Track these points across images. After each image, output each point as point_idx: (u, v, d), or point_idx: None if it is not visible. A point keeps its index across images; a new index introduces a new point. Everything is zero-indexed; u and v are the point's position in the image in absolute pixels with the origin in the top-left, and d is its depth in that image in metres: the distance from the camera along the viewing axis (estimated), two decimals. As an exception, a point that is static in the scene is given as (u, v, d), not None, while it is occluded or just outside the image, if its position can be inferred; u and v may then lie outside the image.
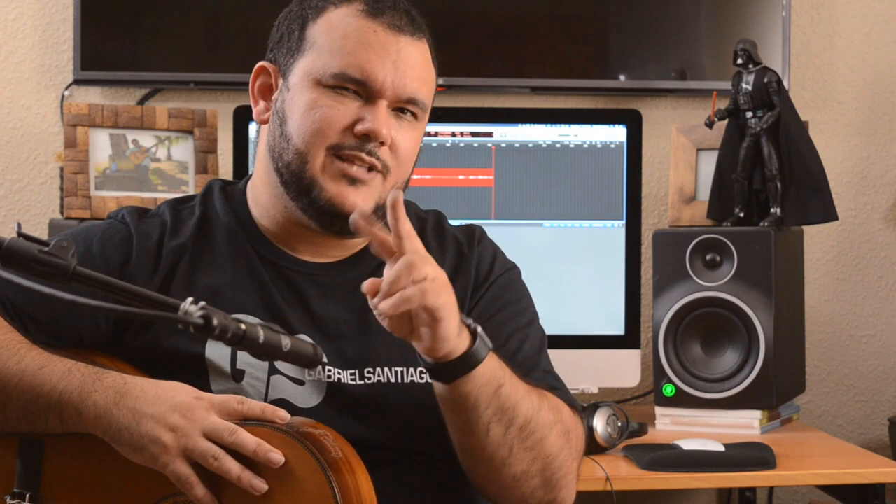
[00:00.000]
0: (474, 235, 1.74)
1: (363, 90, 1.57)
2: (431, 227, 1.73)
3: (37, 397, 1.47)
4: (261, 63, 1.66)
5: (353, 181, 1.57)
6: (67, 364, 1.49)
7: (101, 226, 1.69)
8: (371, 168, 1.58)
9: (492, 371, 1.48)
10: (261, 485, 1.41)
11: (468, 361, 1.46)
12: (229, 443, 1.42)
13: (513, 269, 1.75)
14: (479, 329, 1.47)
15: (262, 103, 1.66)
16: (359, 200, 1.57)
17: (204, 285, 1.59)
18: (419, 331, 1.42)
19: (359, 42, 1.57)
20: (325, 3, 1.61)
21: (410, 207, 1.75)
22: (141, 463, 1.44)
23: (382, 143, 1.57)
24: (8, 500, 1.50)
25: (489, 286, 1.70)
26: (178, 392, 1.45)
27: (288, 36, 1.63)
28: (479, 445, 1.53)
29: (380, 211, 1.59)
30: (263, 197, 1.66)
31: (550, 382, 1.66)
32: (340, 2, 1.60)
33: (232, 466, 1.41)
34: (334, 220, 1.59)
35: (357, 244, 1.67)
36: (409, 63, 1.58)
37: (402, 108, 1.60)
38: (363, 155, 1.57)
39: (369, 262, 1.65)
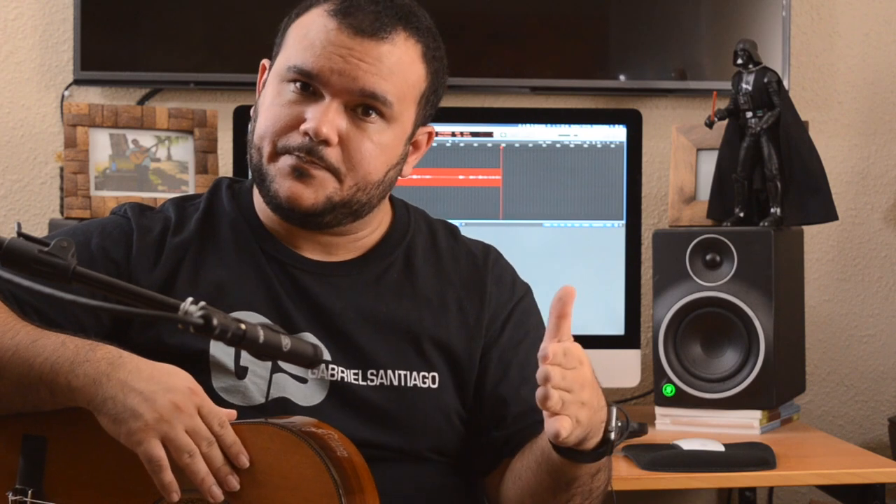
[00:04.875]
0: (490, 252, 1.74)
1: (317, 86, 1.57)
2: (444, 235, 1.73)
3: (29, 369, 1.45)
4: (263, 60, 1.69)
5: (301, 175, 1.57)
6: (61, 337, 1.48)
7: (102, 221, 1.70)
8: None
9: (599, 462, 1.51)
10: (218, 493, 1.40)
11: (588, 456, 1.49)
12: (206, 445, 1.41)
13: (530, 292, 1.76)
14: (613, 435, 1.48)
15: None
16: (306, 194, 1.56)
17: (209, 281, 1.60)
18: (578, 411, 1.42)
19: (316, 39, 1.58)
20: (309, 4, 1.63)
21: (420, 213, 1.75)
22: (114, 435, 1.42)
23: (327, 143, 1.55)
24: (10, 496, 1.50)
25: (512, 310, 1.71)
26: (173, 377, 1.43)
27: (278, 34, 1.66)
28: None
29: (343, 209, 1.59)
30: (259, 199, 1.67)
31: None
32: (319, 4, 1.61)
33: (201, 468, 1.40)
34: (290, 216, 1.60)
35: (362, 246, 1.67)
36: (365, 59, 1.56)
37: (365, 105, 1.57)
38: (304, 156, 1.56)
39: (377, 264, 1.66)
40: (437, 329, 1.65)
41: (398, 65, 1.59)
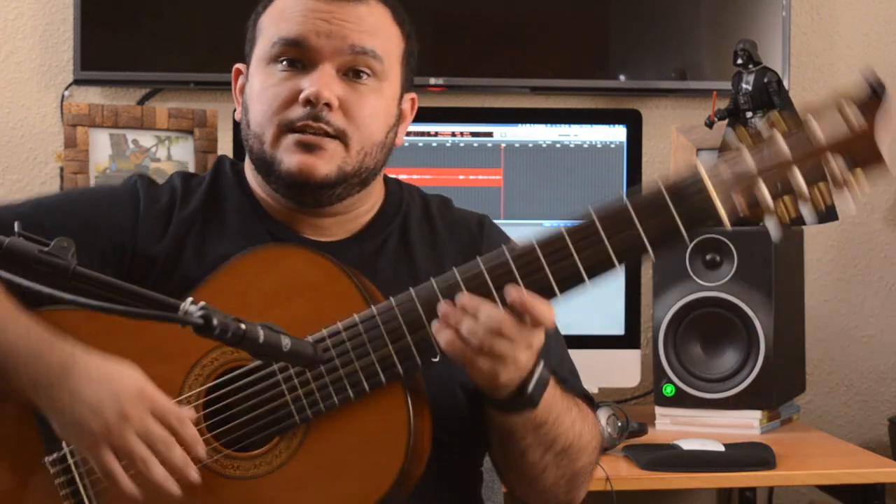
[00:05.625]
0: (484, 220, 1.74)
1: (305, 58, 1.58)
2: (437, 206, 1.73)
3: None
4: (236, 66, 1.70)
5: (309, 147, 1.56)
6: (26, 325, 1.47)
7: (111, 188, 1.71)
8: (325, 134, 1.57)
9: (530, 415, 1.49)
10: (177, 490, 1.41)
11: (505, 406, 1.48)
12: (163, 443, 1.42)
13: None
14: (532, 387, 1.46)
15: (242, 103, 1.68)
16: (318, 164, 1.57)
17: (215, 255, 1.59)
18: (476, 360, 1.41)
19: (293, 12, 1.59)
20: None
21: (413, 188, 1.75)
22: (69, 443, 1.44)
23: (329, 106, 1.56)
24: (47, 460, 1.49)
25: None
26: (123, 379, 1.42)
27: (248, 33, 1.67)
28: (513, 461, 1.55)
29: (354, 178, 1.60)
30: (255, 186, 1.68)
31: (574, 384, 1.67)
32: None
33: (156, 474, 1.41)
34: (303, 192, 1.60)
35: (358, 224, 1.67)
36: (348, 19, 1.58)
37: (356, 68, 1.58)
38: (310, 122, 1.56)
39: (372, 241, 1.66)
40: None
41: (378, 23, 1.61)
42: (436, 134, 2.50)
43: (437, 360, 1.49)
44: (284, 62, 1.59)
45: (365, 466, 1.43)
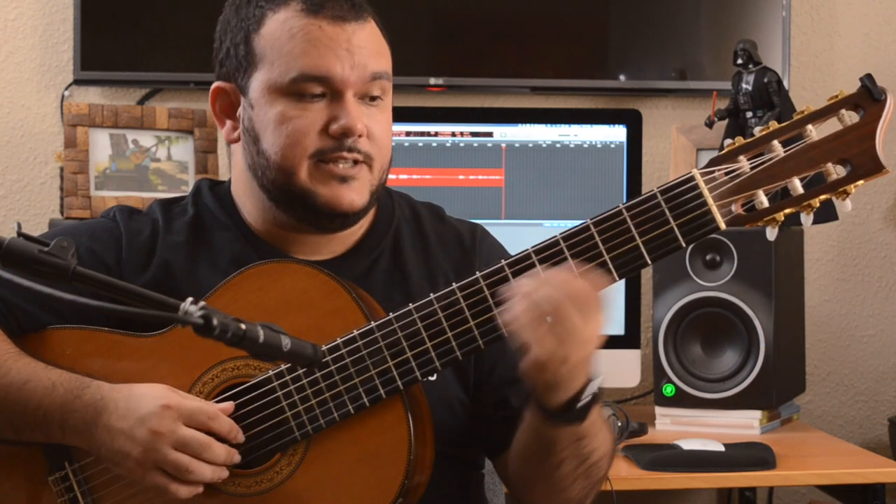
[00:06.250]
0: (476, 231, 1.73)
1: (326, 88, 1.56)
2: (429, 219, 1.72)
3: (22, 413, 1.49)
4: (215, 85, 1.64)
5: (344, 179, 1.57)
6: (52, 378, 1.50)
7: (91, 224, 1.70)
8: (355, 162, 1.57)
9: (576, 428, 1.49)
10: (227, 475, 1.45)
11: (557, 417, 1.48)
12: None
13: None
14: (585, 401, 1.47)
15: (228, 123, 1.64)
16: (354, 196, 1.57)
17: (206, 288, 1.59)
18: (544, 338, 1.41)
19: (307, 41, 1.55)
20: (262, 11, 1.59)
21: (403, 198, 1.75)
22: (122, 475, 1.47)
23: (360, 136, 1.57)
24: (49, 480, 1.51)
25: None
26: (145, 400, 1.45)
27: (234, 51, 1.61)
28: (546, 473, 1.55)
29: (374, 195, 1.61)
30: (248, 207, 1.66)
31: None
32: (277, 7, 1.58)
33: (205, 475, 1.44)
34: (334, 220, 1.60)
35: (350, 240, 1.66)
36: (363, 44, 1.57)
37: (372, 93, 1.59)
38: (345, 154, 1.56)
39: (365, 258, 1.65)
40: None
41: (380, 39, 1.62)
42: (436, 134, 2.50)
43: (433, 378, 1.50)
44: (303, 92, 1.56)
45: (366, 482, 1.44)
